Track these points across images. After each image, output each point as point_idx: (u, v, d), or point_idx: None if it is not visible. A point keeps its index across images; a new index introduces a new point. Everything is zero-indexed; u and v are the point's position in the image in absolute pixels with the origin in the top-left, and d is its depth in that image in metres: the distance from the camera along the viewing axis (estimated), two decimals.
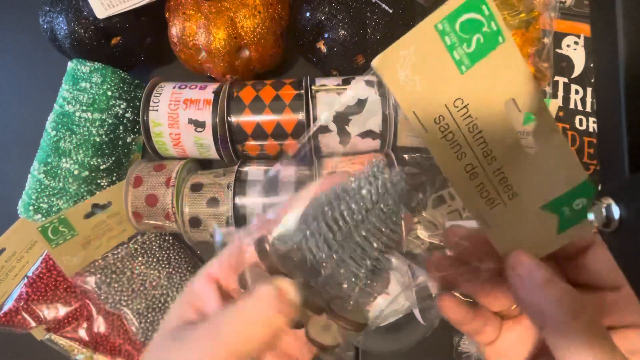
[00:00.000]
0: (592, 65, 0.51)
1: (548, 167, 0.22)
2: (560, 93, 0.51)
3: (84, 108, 0.46)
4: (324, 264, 0.20)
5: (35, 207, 0.45)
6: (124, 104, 0.49)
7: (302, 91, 0.45)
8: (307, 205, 0.21)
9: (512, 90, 0.21)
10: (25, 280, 0.47)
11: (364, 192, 0.20)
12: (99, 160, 0.47)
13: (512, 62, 0.20)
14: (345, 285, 0.20)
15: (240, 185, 0.44)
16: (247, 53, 0.48)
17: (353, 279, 0.20)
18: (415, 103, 0.21)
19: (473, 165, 0.22)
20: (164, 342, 0.21)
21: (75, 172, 0.45)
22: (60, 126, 0.46)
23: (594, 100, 0.51)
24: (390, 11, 0.47)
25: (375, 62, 0.20)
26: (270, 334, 0.18)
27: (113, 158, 0.48)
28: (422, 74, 0.20)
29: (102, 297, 0.47)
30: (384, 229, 0.20)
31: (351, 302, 0.20)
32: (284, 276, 0.20)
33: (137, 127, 0.51)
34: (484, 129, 0.21)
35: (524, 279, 0.21)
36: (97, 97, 0.47)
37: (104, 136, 0.47)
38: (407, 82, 0.20)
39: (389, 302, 0.39)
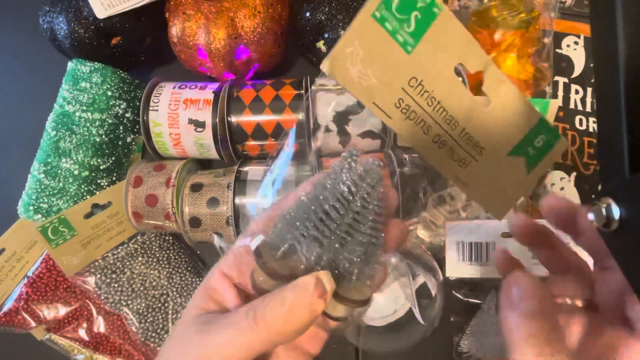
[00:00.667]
0: (592, 65, 0.51)
1: (505, 116, 0.23)
2: (560, 93, 0.51)
3: (84, 108, 0.46)
4: (320, 261, 0.21)
5: (35, 207, 0.45)
6: (124, 104, 0.49)
7: (302, 91, 0.45)
8: (290, 209, 0.22)
9: (457, 55, 0.22)
10: (25, 280, 0.47)
11: (342, 187, 0.21)
12: (99, 160, 0.47)
13: (451, 29, 0.21)
14: (342, 272, 0.21)
15: (240, 185, 0.44)
16: (247, 53, 0.48)
17: (348, 265, 0.21)
18: (373, 95, 0.21)
19: (440, 135, 0.23)
20: (189, 329, 0.22)
21: (75, 172, 0.45)
22: (60, 126, 0.46)
23: (594, 100, 0.51)
24: None
25: (325, 67, 0.21)
26: (310, 318, 0.20)
27: (113, 158, 0.48)
28: (373, 66, 0.21)
29: (102, 297, 0.47)
30: (368, 215, 0.21)
31: (352, 284, 0.22)
32: (285, 278, 0.21)
33: (137, 127, 0.51)
34: (442, 98, 0.22)
35: (512, 302, 0.21)
36: (97, 97, 0.47)
37: (104, 136, 0.47)
38: (361, 77, 0.21)
39: (389, 302, 0.39)
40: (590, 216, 0.18)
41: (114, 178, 0.49)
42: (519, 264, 0.27)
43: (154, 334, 0.47)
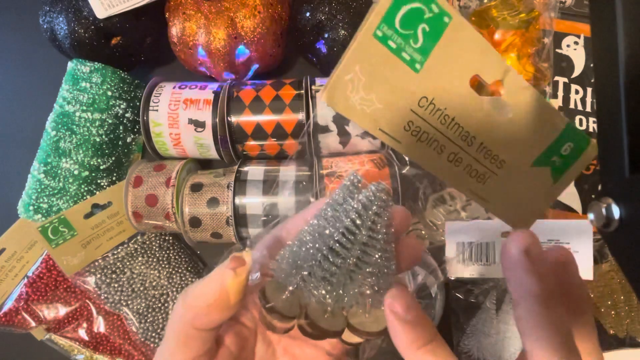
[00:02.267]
0: (592, 65, 0.51)
1: (528, 124, 0.21)
2: (560, 93, 0.51)
3: (84, 108, 0.46)
4: (329, 298, 0.20)
5: (35, 207, 0.45)
6: (124, 104, 0.49)
7: (302, 91, 0.45)
8: (293, 244, 0.21)
9: (473, 66, 0.20)
10: (25, 280, 0.47)
11: (346, 220, 0.20)
12: (99, 160, 0.47)
13: (465, 38, 0.19)
14: (354, 305, 0.21)
15: (240, 185, 0.44)
16: (247, 53, 0.48)
17: (360, 298, 0.20)
18: (379, 120, 0.19)
19: (455, 153, 0.21)
20: None
21: (75, 172, 0.45)
22: (60, 126, 0.46)
23: (594, 100, 0.51)
24: None
25: (324, 97, 0.19)
26: (220, 289, 0.20)
27: (113, 158, 0.48)
28: (377, 90, 0.19)
29: (102, 297, 0.47)
30: (376, 244, 0.20)
31: (368, 314, 0.21)
32: (294, 319, 0.21)
33: (137, 127, 0.51)
34: (456, 115, 0.20)
35: (513, 253, 0.20)
36: (97, 97, 0.47)
37: (104, 136, 0.47)
38: (364, 104, 0.19)
39: None
40: (590, 216, 0.18)
41: (114, 178, 0.49)
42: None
43: (154, 334, 0.47)
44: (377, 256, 0.20)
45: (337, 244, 0.20)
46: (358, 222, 0.20)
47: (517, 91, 0.21)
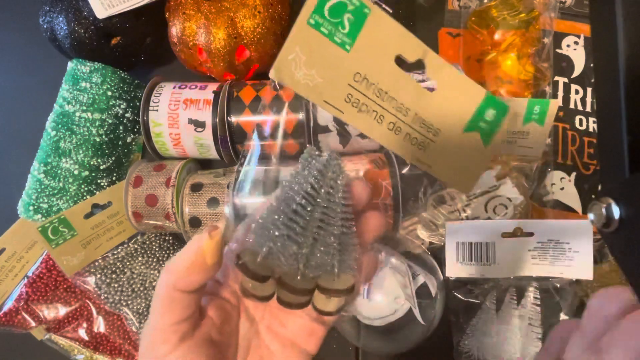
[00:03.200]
0: (592, 65, 0.51)
1: (452, 96, 0.25)
2: (560, 93, 0.51)
3: (84, 108, 0.46)
4: (298, 258, 0.22)
5: (35, 207, 0.45)
6: (124, 104, 0.49)
7: None
8: (263, 213, 0.23)
9: (395, 47, 0.24)
10: (25, 280, 0.47)
11: (305, 185, 0.22)
12: (99, 160, 0.47)
13: (384, 26, 0.23)
14: (322, 265, 0.23)
15: (240, 185, 0.44)
16: (247, 53, 0.48)
17: (326, 257, 0.22)
18: (322, 93, 0.23)
19: (394, 123, 0.24)
20: None
21: (75, 172, 0.45)
22: (60, 126, 0.46)
23: (594, 100, 0.51)
24: (390, 11, 0.47)
25: (272, 74, 0.22)
26: (197, 250, 0.22)
27: (113, 158, 0.48)
28: (316, 67, 0.23)
29: (102, 297, 0.47)
30: (335, 207, 0.22)
31: (335, 275, 0.23)
32: (267, 280, 0.23)
33: (137, 127, 0.51)
34: (388, 89, 0.24)
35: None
36: (97, 97, 0.47)
37: (104, 136, 0.47)
38: (307, 79, 0.23)
39: (389, 302, 0.39)
40: (590, 216, 0.18)
41: (114, 178, 0.49)
42: None
43: None
44: (337, 217, 0.22)
45: (299, 206, 0.22)
46: (316, 185, 0.22)
47: (437, 69, 0.25)
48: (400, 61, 0.25)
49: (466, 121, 0.26)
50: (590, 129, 0.50)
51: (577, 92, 0.52)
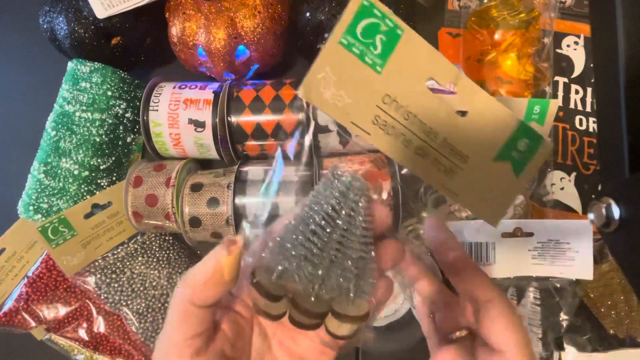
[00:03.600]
0: (592, 65, 0.51)
1: (483, 123, 0.24)
2: (560, 93, 0.51)
3: (84, 108, 0.46)
4: (313, 280, 0.22)
5: (35, 207, 0.45)
6: (124, 104, 0.49)
7: None
8: (280, 232, 0.23)
9: (427, 70, 0.23)
10: (25, 280, 0.47)
11: (326, 205, 0.22)
12: (99, 160, 0.47)
13: (417, 48, 0.23)
14: (337, 289, 0.22)
15: (240, 185, 0.44)
16: (247, 53, 0.48)
17: (342, 281, 0.22)
18: (350, 114, 0.23)
19: (421, 147, 0.24)
20: None
21: (75, 172, 0.45)
22: (60, 126, 0.46)
23: (594, 100, 0.51)
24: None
25: (300, 93, 0.22)
26: (215, 265, 0.22)
27: (113, 158, 0.48)
28: (346, 87, 0.22)
29: (102, 297, 0.47)
30: (355, 230, 0.22)
31: (350, 300, 0.22)
32: (281, 299, 0.22)
33: (137, 127, 0.51)
34: (418, 112, 0.23)
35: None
36: (97, 97, 0.47)
37: (104, 136, 0.47)
38: (335, 99, 0.22)
39: (389, 302, 0.38)
40: (590, 216, 0.18)
41: (114, 178, 0.49)
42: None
43: (154, 334, 0.47)
44: (356, 240, 0.22)
45: (318, 227, 0.22)
46: (337, 206, 0.22)
47: (469, 94, 0.24)
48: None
49: (497, 149, 0.25)
50: (590, 129, 0.50)
51: (577, 92, 0.52)
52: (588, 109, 0.51)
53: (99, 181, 0.47)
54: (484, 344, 0.25)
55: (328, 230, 0.22)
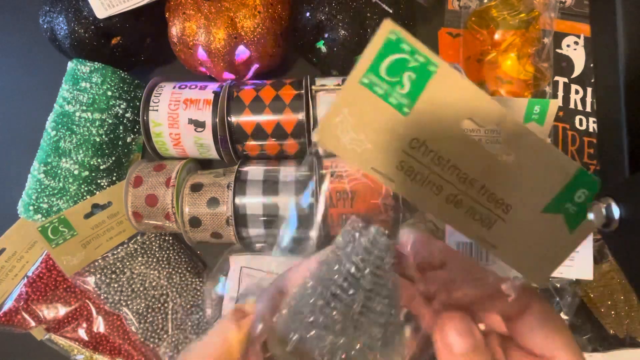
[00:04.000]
0: (592, 65, 0.51)
1: (533, 169, 0.21)
2: (560, 93, 0.51)
3: (84, 108, 0.46)
4: (334, 351, 0.19)
5: (35, 207, 0.45)
6: (124, 104, 0.49)
7: (302, 91, 0.45)
8: (295, 293, 0.21)
9: (465, 110, 0.20)
10: (25, 280, 0.47)
11: (348, 264, 0.19)
12: (99, 160, 0.47)
13: (454, 84, 0.19)
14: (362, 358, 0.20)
15: (240, 185, 0.44)
16: (247, 53, 0.48)
17: (367, 350, 0.20)
18: (370, 160, 0.20)
19: (454, 194, 0.21)
20: None
21: (75, 172, 0.45)
22: (60, 126, 0.46)
23: (594, 100, 0.51)
24: (390, 11, 0.47)
25: (315, 138, 0.20)
26: (223, 344, 0.19)
27: (113, 158, 0.48)
28: (366, 131, 0.19)
29: (102, 297, 0.47)
30: (381, 291, 0.20)
31: None
32: None
33: (137, 127, 0.51)
34: (451, 157, 0.20)
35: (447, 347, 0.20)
36: (97, 97, 0.47)
37: (104, 136, 0.47)
38: (354, 144, 0.20)
39: None
40: (590, 216, 0.18)
41: (114, 178, 0.49)
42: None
43: (153, 334, 0.47)
44: (382, 303, 0.19)
45: (340, 290, 0.19)
46: (361, 265, 0.19)
47: (516, 136, 0.20)
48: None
49: (548, 200, 0.21)
50: (590, 129, 0.50)
51: (577, 92, 0.52)
52: (588, 109, 0.51)
53: (99, 181, 0.47)
54: (517, 346, 0.22)
55: (351, 292, 0.19)
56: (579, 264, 0.43)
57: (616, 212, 0.17)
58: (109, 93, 0.47)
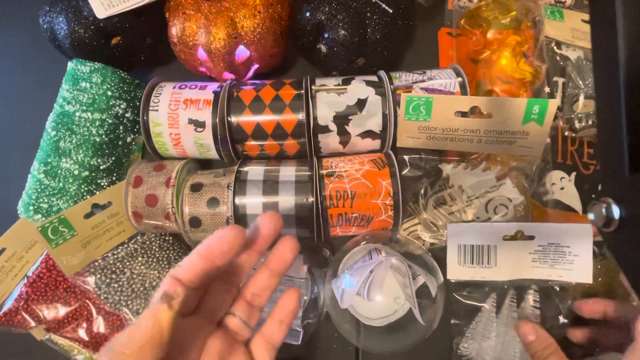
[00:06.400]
0: (592, 65, 0.51)
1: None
2: (560, 93, 0.51)
3: (84, 108, 0.46)
4: None
5: (35, 207, 0.45)
6: (124, 104, 0.49)
7: (302, 91, 0.45)
8: None
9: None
10: (25, 280, 0.47)
11: None
12: (99, 160, 0.47)
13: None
14: None
15: (240, 185, 0.44)
16: (247, 53, 0.48)
17: None
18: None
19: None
20: None
21: (75, 172, 0.45)
22: (60, 126, 0.46)
23: (594, 100, 0.51)
24: (390, 11, 0.47)
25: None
26: (154, 325, 0.20)
27: (113, 158, 0.48)
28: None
29: (102, 297, 0.47)
30: None
31: None
32: None
33: (137, 127, 0.51)
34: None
35: None
36: (97, 97, 0.47)
37: (104, 136, 0.47)
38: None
39: (389, 302, 0.39)
40: (590, 216, 0.18)
41: (114, 178, 0.49)
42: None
43: None
44: None
45: None
46: None
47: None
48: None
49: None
50: (590, 129, 0.50)
51: None
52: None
53: (99, 181, 0.47)
54: None
55: None
56: (578, 268, 0.43)
57: (616, 212, 0.17)
58: (109, 93, 0.47)
